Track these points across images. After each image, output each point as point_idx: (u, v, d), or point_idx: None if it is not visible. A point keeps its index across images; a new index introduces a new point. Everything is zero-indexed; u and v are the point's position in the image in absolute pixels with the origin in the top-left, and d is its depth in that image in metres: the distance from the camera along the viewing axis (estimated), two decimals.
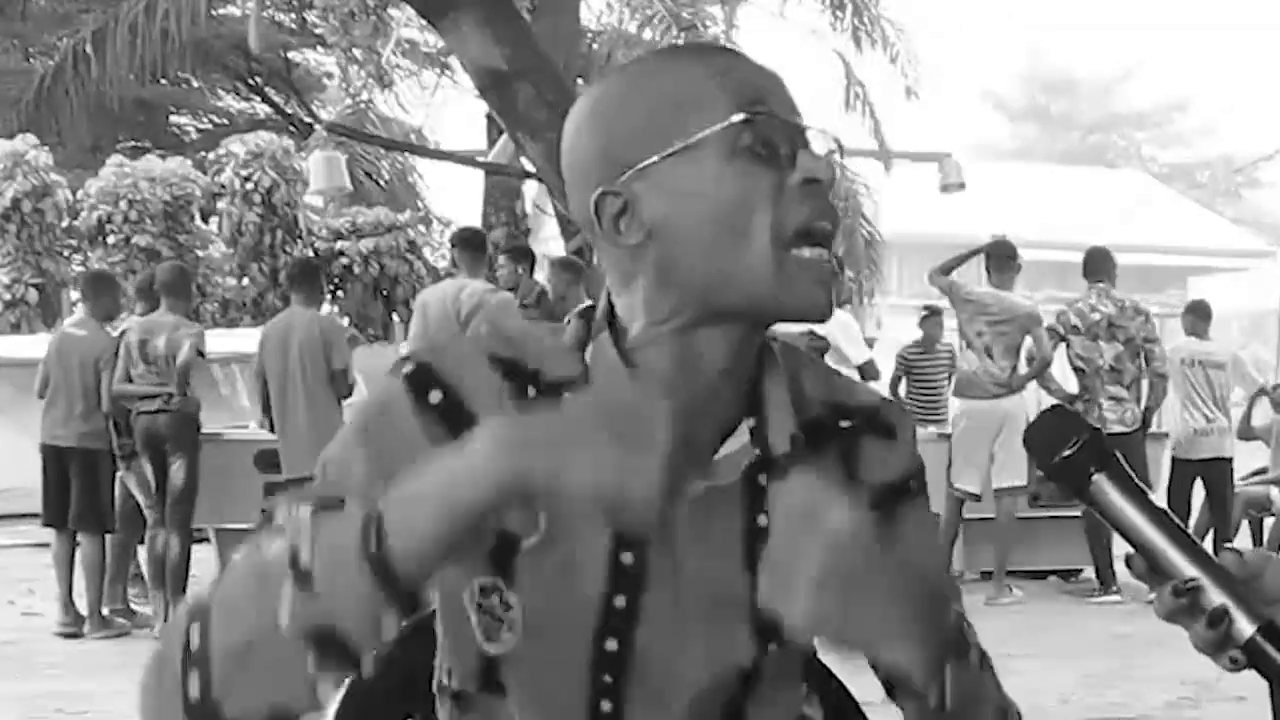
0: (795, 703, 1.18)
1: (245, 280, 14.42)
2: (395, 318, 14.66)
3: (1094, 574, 7.66)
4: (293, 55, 17.60)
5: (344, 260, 14.72)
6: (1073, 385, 7.65)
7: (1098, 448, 0.98)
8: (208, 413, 7.19)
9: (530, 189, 13.14)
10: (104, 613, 6.83)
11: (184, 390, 6.59)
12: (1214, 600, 0.93)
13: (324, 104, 17.84)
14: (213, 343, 7.26)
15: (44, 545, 6.98)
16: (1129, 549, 0.99)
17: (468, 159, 10.60)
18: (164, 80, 15.73)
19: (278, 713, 0.92)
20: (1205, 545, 0.97)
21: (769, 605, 0.93)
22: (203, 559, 7.03)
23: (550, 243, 11.71)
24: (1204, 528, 8.29)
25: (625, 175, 1.03)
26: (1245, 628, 0.93)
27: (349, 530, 0.89)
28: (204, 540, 6.91)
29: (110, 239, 13.96)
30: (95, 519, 6.82)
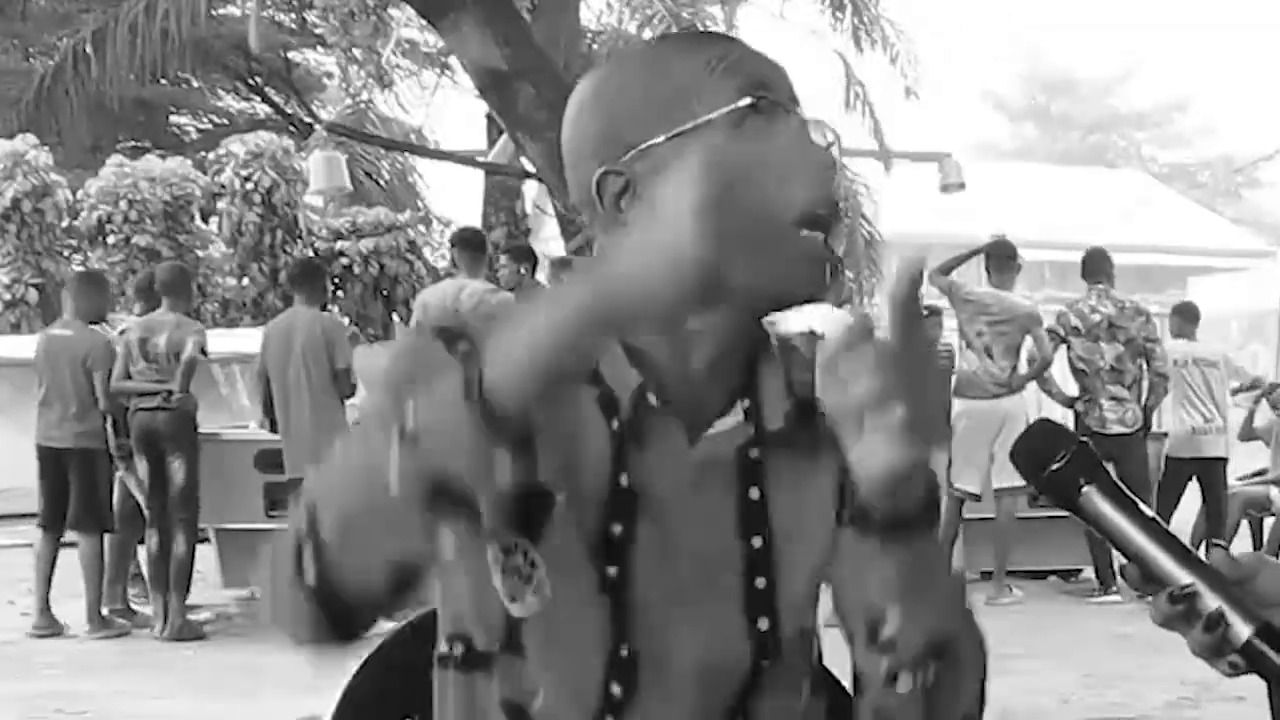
0: (800, 690, 1.18)
1: (245, 280, 14.42)
2: (395, 318, 14.66)
3: (1094, 574, 7.66)
4: (293, 55, 17.59)
5: (344, 260, 14.72)
6: (1072, 387, 7.65)
7: (1086, 460, 0.98)
8: (207, 413, 7.19)
9: (530, 189, 13.15)
10: (104, 613, 6.84)
11: (185, 388, 6.59)
12: (1209, 605, 0.93)
13: (324, 104, 17.83)
14: (213, 343, 7.27)
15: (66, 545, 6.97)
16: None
17: (468, 159, 10.61)
18: (164, 80, 15.72)
19: (399, 571, 0.93)
20: (1199, 552, 0.98)
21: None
22: (203, 558, 7.03)
23: (550, 243, 11.70)
24: (1201, 535, 8.31)
25: (628, 155, 1.05)
26: (1242, 631, 0.92)
27: (449, 382, 0.90)
28: (204, 540, 6.91)
29: (110, 239, 13.96)
30: (94, 519, 6.82)
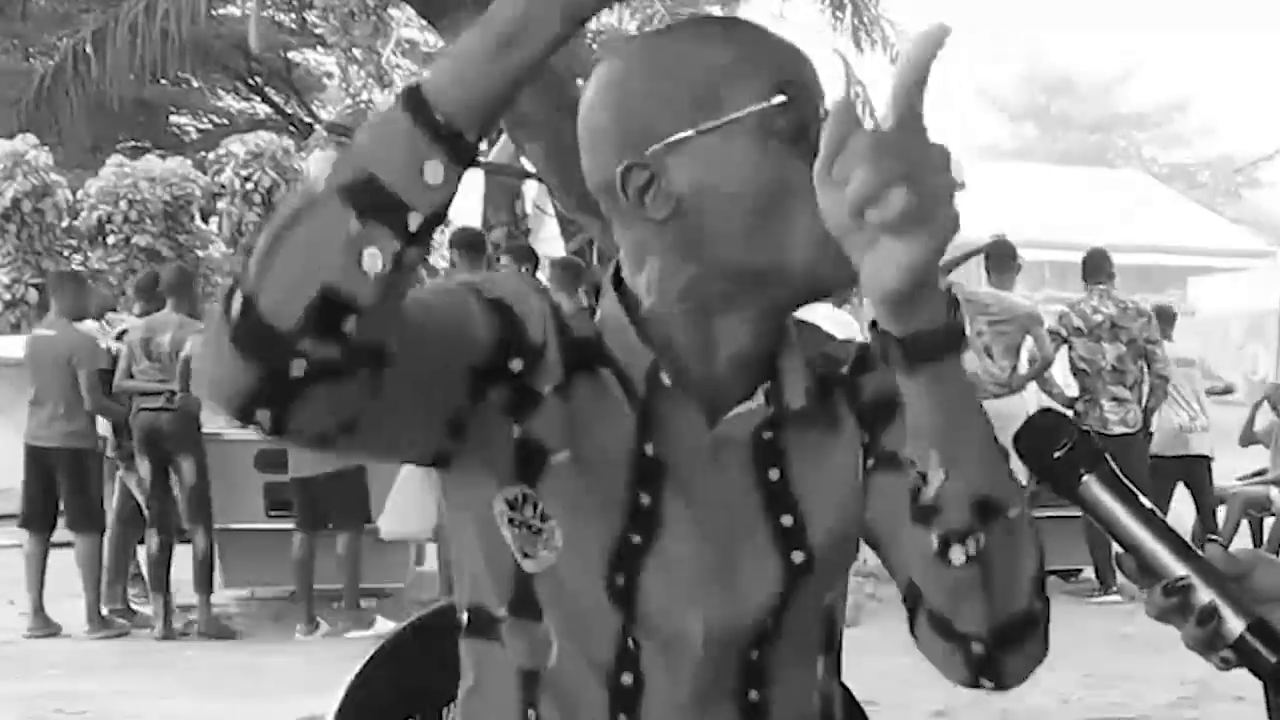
0: (811, 674, 1.17)
1: None
2: None
3: (1094, 574, 7.65)
4: (293, 55, 17.61)
5: None
6: (1073, 387, 7.65)
7: (1087, 449, 0.98)
8: (206, 412, 7.18)
9: (530, 189, 13.13)
10: (104, 613, 6.83)
11: (187, 387, 6.60)
12: (1203, 599, 0.93)
13: (324, 104, 17.84)
14: None
15: (54, 546, 6.97)
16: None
17: None
18: (164, 80, 15.70)
19: (327, 294, 0.84)
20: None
21: None
22: None
23: (550, 243, 11.69)
24: (1199, 536, 8.30)
25: (654, 148, 1.03)
26: (1235, 626, 0.93)
27: (390, 110, 0.88)
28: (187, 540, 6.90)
29: (110, 239, 13.96)
30: (89, 519, 6.83)
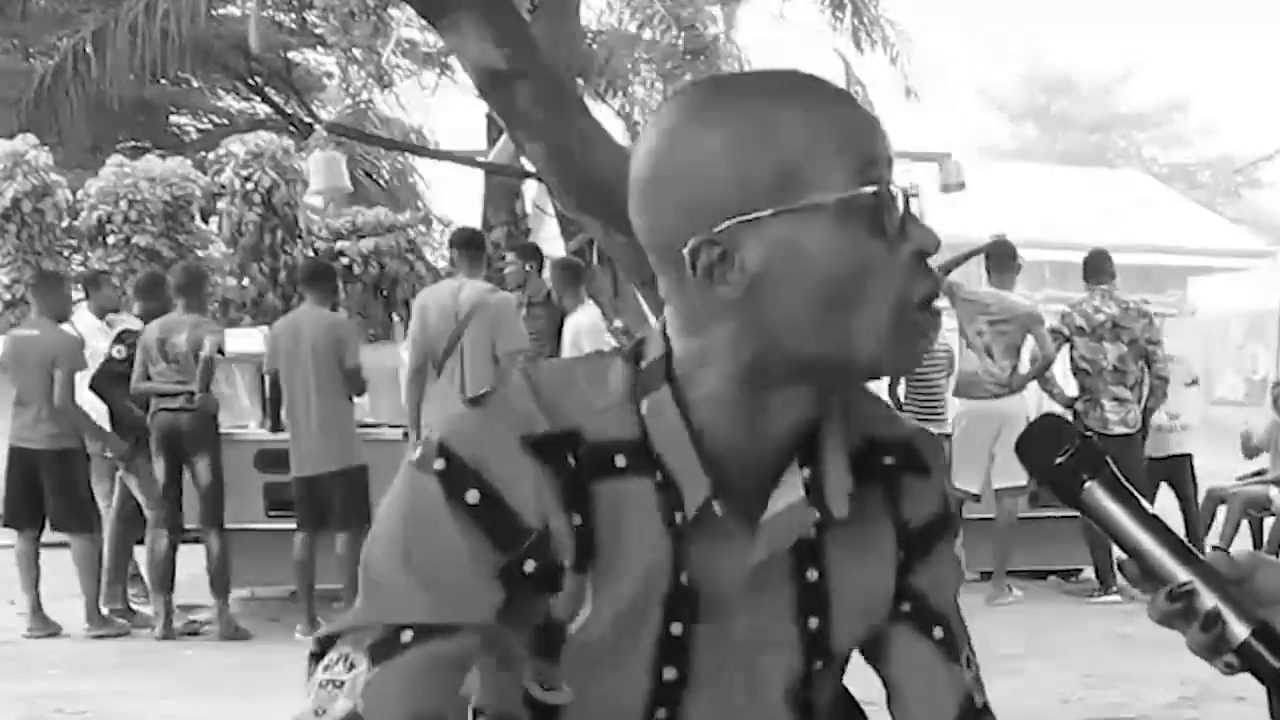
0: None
1: (245, 280, 14.40)
2: (395, 318, 14.63)
3: (1094, 574, 7.66)
4: (293, 55, 17.59)
5: (344, 260, 14.70)
6: (1073, 387, 7.65)
7: (1090, 455, 0.98)
8: None
9: (530, 189, 13.13)
10: (103, 612, 6.84)
11: (206, 387, 6.61)
12: (1207, 603, 0.93)
13: (324, 104, 17.82)
14: None
15: (46, 546, 6.97)
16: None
17: (468, 159, 10.58)
18: (164, 80, 15.71)
19: None
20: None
21: None
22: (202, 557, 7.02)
23: (550, 243, 11.68)
24: (1201, 535, 8.33)
25: (728, 224, 0.99)
26: (1239, 631, 0.92)
27: None
28: (195, 539, 6.91)
29: (110, 239, 13.93)
30: (81, 518, 6.86)
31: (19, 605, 6.89)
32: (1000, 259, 7.55)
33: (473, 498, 1.00)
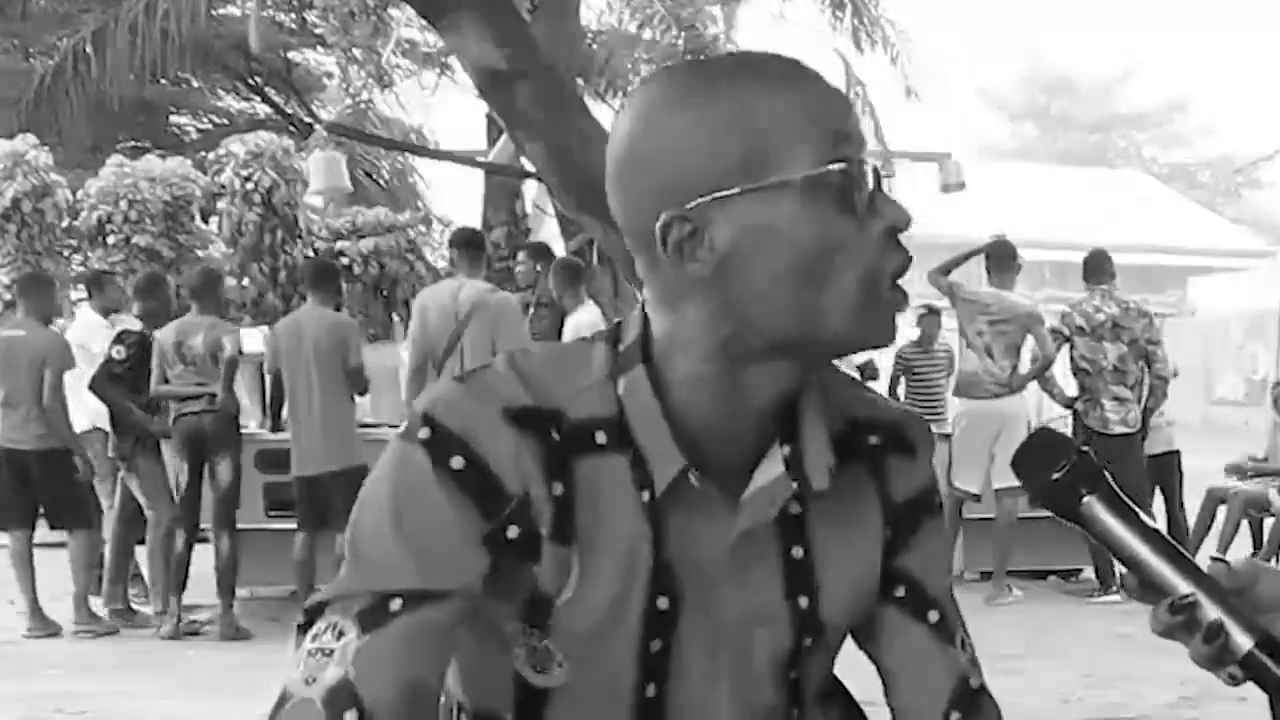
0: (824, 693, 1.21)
1: (245, 280, 14.40)
2: (395, 318, 14.64)
3: (1094, 574, 7.65)
4: (293, 55, 17.59)
5: (344, 260, 14.69)
6: (1073, 387, 7.65)
7: (1087, 469, 0.98)
8: None
9: (530, 189, 13.13)
10: (91, 609, 6.83)
11: (229, 388, 6.62)
12: (1209, 615, 0.92)
13: (324, 104, 17.82)
14: None
15: (44, 546, 6.98)
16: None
17: (468, 159, 10.59)
18: (164, 80, 15.71)
19: None
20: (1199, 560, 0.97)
21: None
22: (203, 557, 7.02)
23: (550, 243, 11.69)
24: (1200, 537, 8.33)
25: (699, 201, 1.00)
26: (1242, 642, 0.92)
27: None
28: (204, 540, 6.91)
29: (110, 239, 13.92)
30: (79, 514, 6.91)
31: (19, 605, 6.89)
32: (1000, 259, 7.54)
33: (457, 464, 1.02)
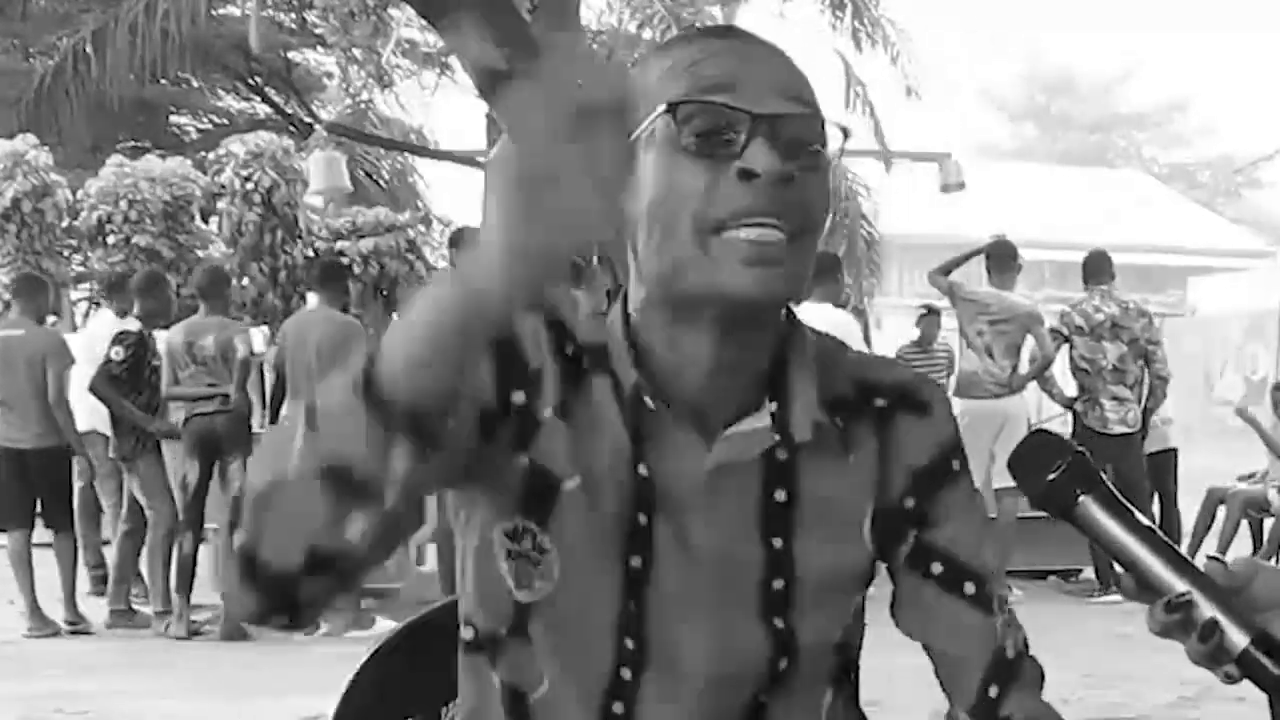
0: (819, 703, 1.18)
1: (245, 280, 14.41)
2: (395, 318, 14.66)
3: (1094, 574, 7.65)
4: (293, 55, 17.58)
5: (344, 260, 14.71)
6: (1072, 387, 7.65)
7: (1082, 470, 0.98)
8: None
9: None
10: (79, 608, 6.84)
11: (243, 389, 6.62)
12: (1205, 614, 0.93)
13: (324, 104, 17.81)
14: None
15: (43, 545, 6.97)
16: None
17: (468, 159, 10.60)
18: (164, 80, 15.70)
19: (314, 553, 0.90)
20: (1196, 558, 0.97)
21: None
22: (204, 558, 7.03)
23: None
24: (1200, 535, 8.33)
25: None
26: (1238, 640, 0.92)
27: (345, 378, 0.89)
28: (204, 540, 6.91)
29: (110, 239, 13.91)
30: (68, 517, 6.95)
31: (19, 605, 6.88)
32: (1000, 259, 7.54)
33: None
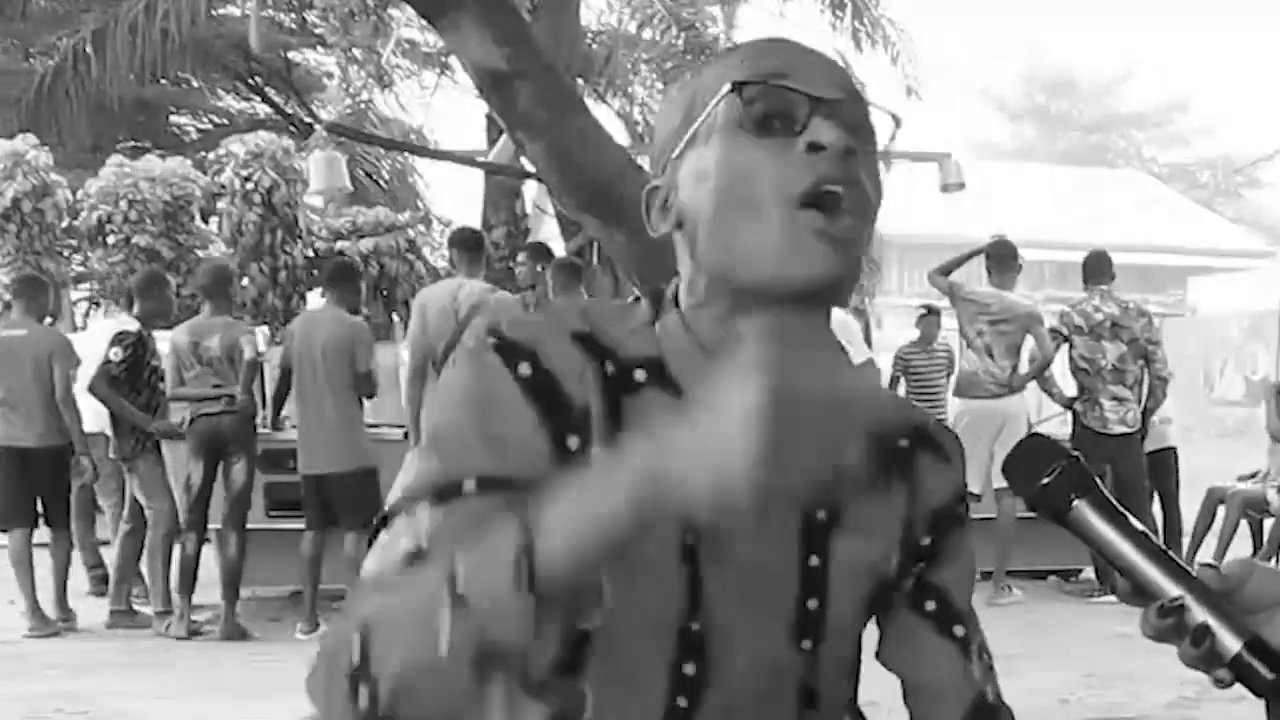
0: (845, 695, 1.22)
1: (245, 280, 14.42)
2: (395, 318, 14.64)
3: (1094, 574, 7.65)
4: (293, 55, 17.60)
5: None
6: (1072, 387, 7.66)
7: (1077, 473, 0.98)
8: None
9: (530, 189, 13.13)
10: (41, 610, 6.86)
11: (249, 390, 6.62)
12: (1198, 618, 0.93)
13: (324, 104, 17.82)
14: None
15: (43, 545, 6.98)
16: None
17: (468, 159, 10.58)
18: (164, 80, 15.72)
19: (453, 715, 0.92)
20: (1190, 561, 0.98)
21: None
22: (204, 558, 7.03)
23: (550, 243, 11.70)
24: (1200, 534, 8.33)
25: (665, 169, 1.09)
26: (1231, 644, 0.92)
27: (500, 556, 0.87)
28: (205, 540, 6.91)
29: (110, 239, 13.92)
30: (67, 516, 6.98)
31: (19, 605, 6.89)
32: (1000, 259, 7.55)
33: (525, 370, 1.04)
